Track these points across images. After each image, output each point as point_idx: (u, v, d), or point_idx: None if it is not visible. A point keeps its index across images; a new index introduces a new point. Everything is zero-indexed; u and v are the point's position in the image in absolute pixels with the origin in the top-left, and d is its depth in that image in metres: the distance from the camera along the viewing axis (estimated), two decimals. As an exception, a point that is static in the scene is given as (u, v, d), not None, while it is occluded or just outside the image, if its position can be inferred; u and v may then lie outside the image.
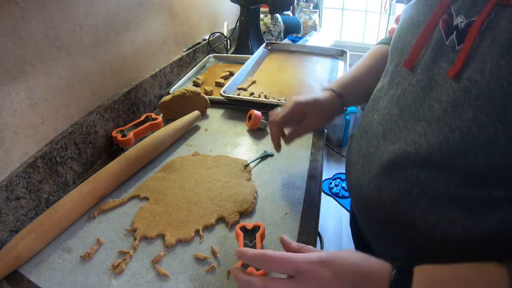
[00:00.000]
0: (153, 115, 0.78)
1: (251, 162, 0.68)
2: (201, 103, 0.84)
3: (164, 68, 0.96)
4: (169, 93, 0.95)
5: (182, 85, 1.00)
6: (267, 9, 1.25)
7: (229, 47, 1.37)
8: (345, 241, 1.66)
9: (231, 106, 0.90)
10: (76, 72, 0.65)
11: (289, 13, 1.89)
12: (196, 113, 0.81)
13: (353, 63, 1.23)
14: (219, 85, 1.00)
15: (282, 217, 0.55)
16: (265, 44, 1.27)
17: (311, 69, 1.11)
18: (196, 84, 1.01)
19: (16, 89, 0.52)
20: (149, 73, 0.91)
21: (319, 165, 0.67)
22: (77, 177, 0.66)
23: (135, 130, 0.74)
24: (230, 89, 0.92)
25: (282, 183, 0.63)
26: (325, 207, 1.85)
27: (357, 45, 2.49)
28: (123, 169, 0.62)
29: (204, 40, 1.24)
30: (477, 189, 0.34)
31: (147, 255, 0.49)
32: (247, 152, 0.72)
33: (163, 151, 0.72)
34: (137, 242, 0.50)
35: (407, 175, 0.38)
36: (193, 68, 1.12)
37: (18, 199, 0.52)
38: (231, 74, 1.08)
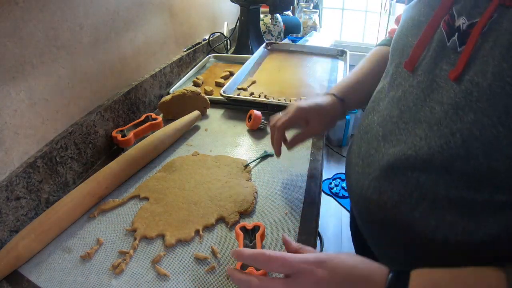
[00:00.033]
0: (153, 115, 0.78)
1: (251, 162, 0.68)
2: (201, 103, 0.84)
3: (164, 68, 0.96)
4: (169, 93, 0.95)
5: (182, 85, 1.00)
6: (267, 9, 1.25)
7: (229, 47, 1.37)
8: (345, 241, 1.66)
9: (231, 106, 0.90)
10: (76, 72, 0.65)
11: (289, 13, 1.89)
12: (196, 113, 0.81)
13: (353, 63, 1.23)
14: (219, 85, 1.00)
15: (282, 217, 0.55)
16: (265, 44, 1.27)
17: (311, 69, 1.11)
18: (196, 84, 1.01)
19: (16, 89, 0.52)
20: (149, 73, 0.91)
21: (319, 165, 0.67)
22: (77, 177, 0.66)
23: (135, 130, 0.74)
24: (230, 89, 0.92)
25: (282, 183, 0.63)
26: (325, 207, 1.84)
27: (357, 45, 2.49)
28: (123, 169, 0.62)
29: (204, 40, 1.24)
30: (478, 192, 0.33)
31: (147, 255, 0.49)
32: (247, 152, 0.72)
33: (163, 151, 0.72)
34: (137, 242, 0.50)
35: (407, 178, 0.38)
36: (193, 68, 1.12)
37: (18, 199, 0.52)
38: (231, 74, 1.08)
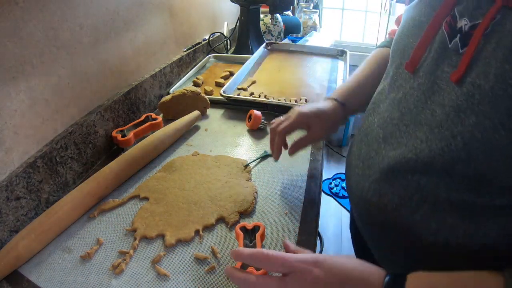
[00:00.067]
0: (153, 115, 0.78)
1: (251, 162, 0.68)
2: (201, 103, 0.84)
3: (164, 68, 0.96)
4: (169, 93, 0.95)
5: (182, 85, 1.00)
6: (267, 9, 1.25)
7: (229, 47, 1.37)
8: (345, 241, 1.65)
9: (231, 106, 0.90)
10: (76, 72, 0.65)
11: (289, 13, 1.89)
12: (196, 113, 0.81)
13: (353, 63, 1.22)
14: (219, 85, 1.00)
15: (282, 217, 0.55)
16: (265, 44, 1.27)
17: (311, 69, 1.11)
18: (196, 84, 1.01)
19: (16, 89, 0.52)
20: (149, 73, 0.91)
21: (319, 165, 0.67)
22: (77, 177, 0.66)
23: (135, 130, 0.74)
24: (230, 89, 0.92)
25: (282, 183, 0.63)
26: (325, 207, 1.84)
27: (357, 45, 2.49)
28: (123, 169, 0.62)
29: (204, 40, 1.24)
30: (479, 195, 0.33)
31: (147, 255, 0.49)
32: (247, 152, 0.72)
33: (163, 151, 0.72)
34: (137, 242, 0.50)
35: (408, 181, 0.38)
36: (193, 68, 1.12)
37: (18, 199, 0.52)
38: (231, 74, 1.08)
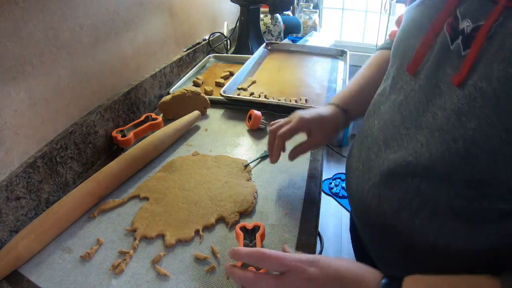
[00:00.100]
0: (153, 115, 0.78)
1: (251, 162, 0.68)
2: (201, 103, 0.84)
3: (164, 68, 0.96)
4: (169, 93, 0.95)
5: (182, 85, 1.00)
6: (267, 9, 1.25)
7: (229, 47, 1.37)
8: (345, 241, 1.65)
9: (231, 106, 0.90)
10: (76, 72, 0.65)
11: (289, 13, 1.89)
12: (196, 113, 0.81)
13: (353, 63, 1.22)
14: (219, 85, 1.00)
15: (282, 217, 0.55)
16: (265, 44, 1.27)
17: (311, 69, 1.11)
18: (196, 84, 1.01)
19: (16, 89, 0.52)
20: (149, 73, 0.91)
21: (319, 165, 0.67)
22: (77, 177, 0.66)
23: (135, 130, 0.74)
24: (230, 89, 0.92)
25: (282, 183, 0.63)
26: (325, 207, 1.85)
27: (357, 45, 2.49)
28: (123, 169, 0.62)
29: (204, 40, 1.24)
30: (480, 200, 0.33)
31: (147, 255, 0.49)
32: (247, 152, 0.72)
33: (163, 151, 0.72)
34: (137, 242, 0.50)
35: (408, 184, 0.38)
36: (193, 68, 1.12)
37: (18, 199, 0.52)
38: (231, 74, 1.08)
